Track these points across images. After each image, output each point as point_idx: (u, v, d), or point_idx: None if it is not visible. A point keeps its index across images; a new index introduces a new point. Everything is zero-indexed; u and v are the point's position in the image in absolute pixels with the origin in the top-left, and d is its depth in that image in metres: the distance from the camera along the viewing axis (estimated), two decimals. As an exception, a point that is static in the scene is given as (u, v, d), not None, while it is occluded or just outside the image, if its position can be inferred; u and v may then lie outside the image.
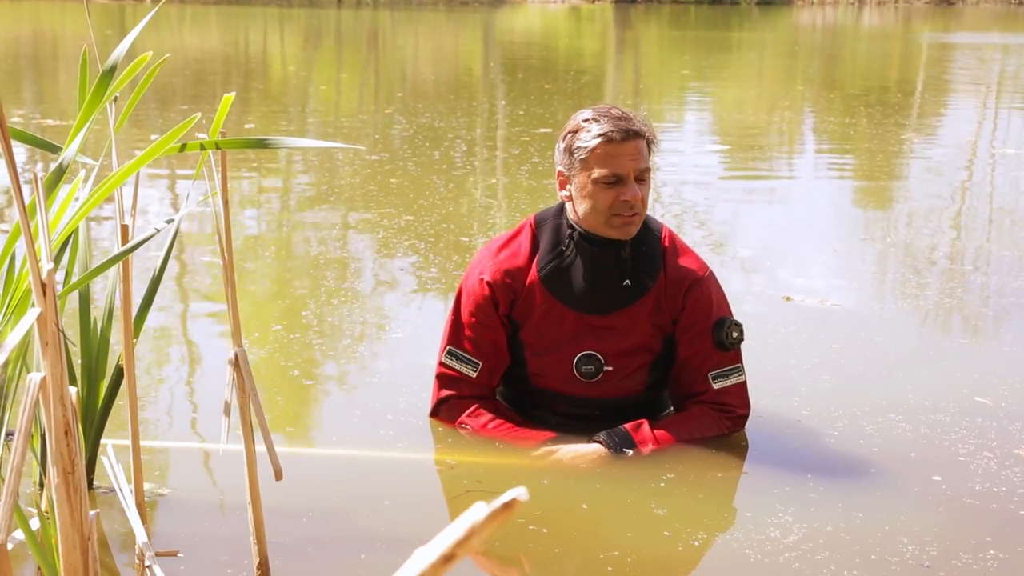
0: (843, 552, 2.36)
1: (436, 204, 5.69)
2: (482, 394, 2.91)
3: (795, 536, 2.42)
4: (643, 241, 2.83)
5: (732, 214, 5.97)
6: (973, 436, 2.97)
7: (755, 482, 2.71)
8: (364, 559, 2.30)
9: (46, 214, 1.66)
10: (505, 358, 2.89)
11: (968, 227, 5.87)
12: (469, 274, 2.90)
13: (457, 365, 2.88)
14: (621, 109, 2.77)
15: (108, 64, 2.04)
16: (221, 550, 2.29)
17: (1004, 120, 10.56)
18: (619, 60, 17.14)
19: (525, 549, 2.37)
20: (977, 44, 20.09)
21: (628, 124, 2.71)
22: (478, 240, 5.01)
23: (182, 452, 2.76)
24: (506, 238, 2.91)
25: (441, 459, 2.81)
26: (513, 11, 29.82)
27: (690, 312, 2.83)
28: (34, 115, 8.49)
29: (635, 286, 2.82)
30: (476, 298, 2.85)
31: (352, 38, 20.45)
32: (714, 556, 2.39)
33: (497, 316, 2.85)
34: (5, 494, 1.49)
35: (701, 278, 2.84)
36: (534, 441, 2.81)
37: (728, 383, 2.85)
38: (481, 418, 2.86)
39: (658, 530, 2.45)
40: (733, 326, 2.84)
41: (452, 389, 2.90)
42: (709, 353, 2.84)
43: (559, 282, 2.83)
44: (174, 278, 4.32)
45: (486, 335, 2.86)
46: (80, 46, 12.58)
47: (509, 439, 2.82)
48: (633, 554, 2.34)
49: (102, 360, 2.44)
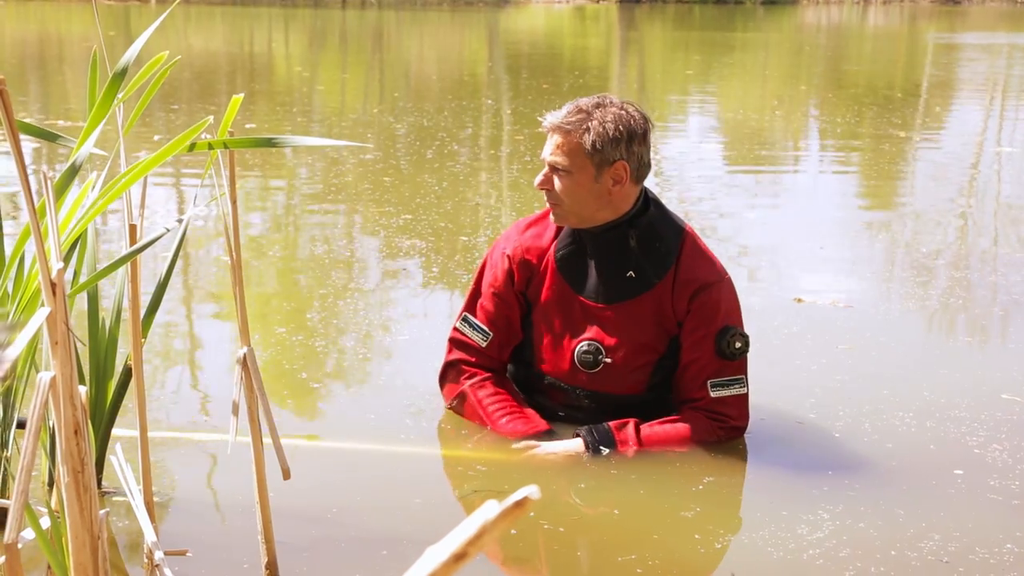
0: (865, 548, 2.38)
1: (434, 203, 5.69)
2: (490, 366, 2.95)
3: (820, 533, 2.44)
4: (656, 236, 2.82)
5: (737, 212, 5.96)
6: (989, 431, 2.99)
7: (773, 481, 2.71)
8: (373, 558, 2.30)
9: (55, 213, 1.67)
10: (517, 334, 2.93)
11: (976, 226, 5.86)
12: (495, 247, 2.96)
13: (470, 332, 2.94)
14: (595, 103, 2.75)
15: (120, 66, 2.05)
16: (230, 549, 2.29)
17: (1011, 119, 10.55)
18: (624, 57, 17.13)
19: (543, 549, 2.37)
20: (983, 44, 20.06)
21: (559, 116, 2.74)
22: (477, 239, 5.00)
23: (191, 451, 2.77)
24: (536, 217, 2.95)
25: (451, 459, 2.81)
26: (518, 11, 29.82)
27: (695, 316, 2.81)
28: (42, 115, 8.52)
29: (639, 280, 2.82)
30: (495, 271, 2.92)
31: (357, 38, 20.45)
32: (737, 555, 2.39)
33: (513, 292, 2.90)
34: (16, 493, 1.50)
35: (711, 283, 2.81)
36: (524, 432, 2.82)
37: (727, 393, 2.82)
38: (483, 391, 2.90)
39: (681, 529, 2.46)
40: (737, 336, 2.80)
41: (462, 352, 2.96)
42: (709, 360, 2.81)
43: (571, 267, 2.85)
44: (179, 276, 4.33)
45: (501, 308, 2.91)
46: (86, 47, 12.56)
47: (502, 420, 2.84)
48: (656, 555, 2.35)
49: (110, 360, 2.44)
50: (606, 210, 2.78)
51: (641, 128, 2.77)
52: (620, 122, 2.73)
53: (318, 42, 19.72)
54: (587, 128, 2.72)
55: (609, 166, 2.74)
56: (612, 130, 2.72)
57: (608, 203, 2.78)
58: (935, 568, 2.32)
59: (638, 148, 2.76)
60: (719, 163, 7.78)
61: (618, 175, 2.75)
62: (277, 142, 2.18)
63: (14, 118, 1.56)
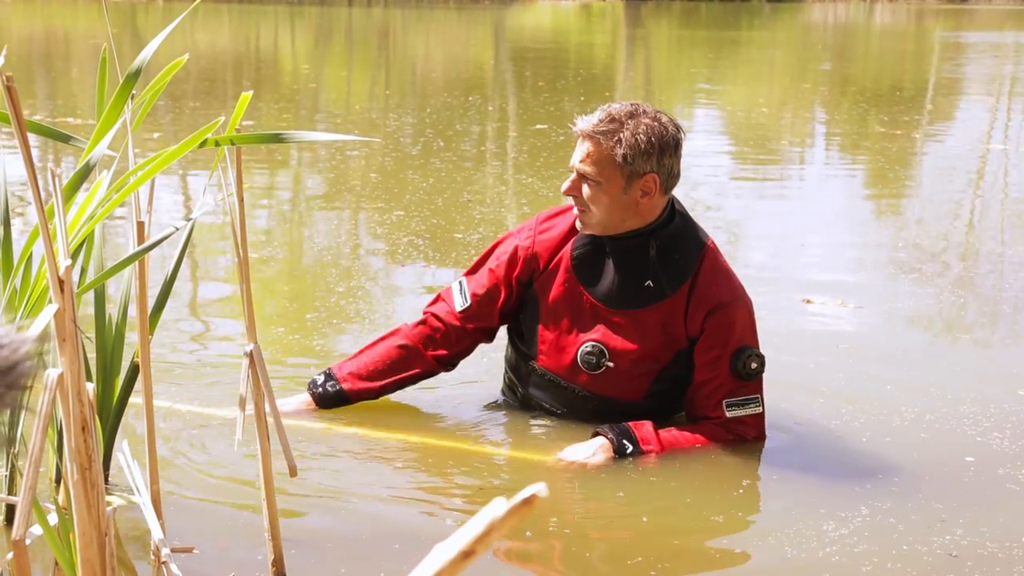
0: (882, 543, 2.39)
1: (426, 200, 5.69)
2: (446, 330, 2.94)
3: (837, 531, 2.44)
4: (675, 248, 2.80)
5: (741, 212, 5.96)
6: (1010, 426, 3.00)
7: (785, 481, 2.72)
8: (379, 555, 2.30)
9: (64, 210, 1.67)
10: (493, 320, 2.95)
11: (983, 224, 5.86)
12: (511, 234, 2.97)
13: (455, 293, 2.97)
14: (628, 111, 2.72)
15: (135, 66, 2.05)
16: (236, 546, 2.30)
17: (1018, 118, 10.53)
18: (630, 55, 17.12)
19: (560, 551, 2.37)
20: (990, 43, 20.02)
21: (590, 123, 2.71)
22: (471, 236, 5.00)
23: (197, 447, 2.77)
24: (556, 211, 2.95)
25: (456, 455, 2.81)
26: (524, 9, 29.79)
27: (710, 336, 2.77)
28: (49, 113, 8.53)
29: (655, 290, 2.80)
30: (502, 257, 2.92)
31: (363, 36, 20.46)
32: (753, 552, 2.40)
33: (510, 282, 2.90)
34: (24, 489, 1.50)
35: (727, 303, 2.78)
36: (294, 408, 2.90)
37: (743, 413, 2.80)
38: (392, 341, 2.96)
39: (695, 528, 2.47)
40: (753, 357, 2.78)
41: (435, 308, 2.99)
42: (724, 380, 2.78)
43: (586, 267, 2.84)
44: (184, 273, 4.33)
45: (491, 291, 2.92)
46: (92, 44, 12.56)
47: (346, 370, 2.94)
48: (672, 555, 2.36)
49: (117, 357, 2.45)
50: (632, 220, 2.77)
51: (674, 140, 2.74)
52: (652, 134, 2.70)
53: (324, 40, 19.73)
54: (619, 139, 2.69)
55: (639, 178, 2.71)
56: (644, 142, 2.69)
57: (635, 213, 2.76)
58: (943, 562, 2.33)
59: (669, 160, 2.73)
60: (725, 161, 7.77)
61: (647, 187, 2.73)
62: (284, 137, 2.19)
63: (23, 116, 1.56)
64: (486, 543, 0.79)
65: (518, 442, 2.88)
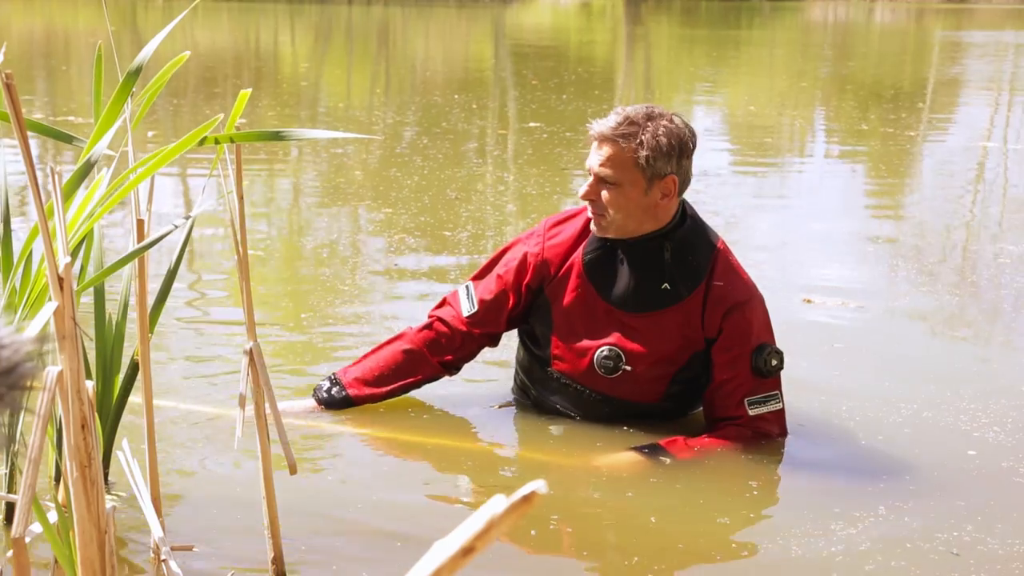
0: (886, 542, 2.40)
1: (412, 198, 5.69)
2: (451, 335, 2.93)
3: (844, 531, 2.45)
4: (690, 249, 2.80)
5: (743, 210, 5.96)
6: (1001, 424, 3.00)
7: (792, 480, 2.73)
8: (379, 552, 2.30)
9: (63, 207, 1.67)
10: (500, 326, 2.94)
11: (983, 223, 5.85)
12: (523, 237, 2.96)
13: (463, 298, 2.95)
14: (645, 113, 2.71)
15: (135, 64, 2.05)
16: (236, 544, 2.30)
17: (1018, 117, 10.53)
18: (630, 53, 17.11)
19: (565, 547, 2.38)
20: (990, 42, 20.01)
21: (607, 126, 2.70)
22: (460, 234, 5.00)
23: (196, 445, 2.77)
24: (566, 215, 2.93)
25: (457, 452, 2.81)
26: (524, 7, 29.78)
27: (728, 336, 2.78)
28: (48, 111, 8.53)
29: (672, 292, 2.79)
30: (510, 260, 2.92)
31: (363, 35, 20.45)
32: (759, 550, 2.41)
33: (519, 289, 2.89)
34: (23, 487, 1.50)
35: (743, 302, 2.78)
36: (299, 408, 2.90)
37: (764, 410, 2.80)
38: (391, 346, 2.94)
39: (702, 528, 2.47)
40: (773, 353, 2.79)
41: (441, 312, 2.97)
42: (745, 379, 2.79)
43: (599, 271, 2.83)
44: (184, 273, 4.33)
45: (500, 297, 2.91)
46: (93, 42, 12.55)
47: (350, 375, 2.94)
48: (678, 553, 2.36)
49: (117, 355, 2.45)
50: (650, 223, 2.77)
51: (691, 142, 2.75)
52: (672, 135, 2.70)
53: (324, 38, 19.72)
54: (641, 141, 2.69)
55: (660, 180, 2.71)
56: (665, 144, 2.69)
57: (653, 216, 2.76)
58: (946, 560, 2.34)
59: (686, 162, 2.74)
60: (725, 160, 7.76)
61: (667, 189, 2.73)
62: (284, 135, 2.19)
63: (22, 114, 1.56)
64: (486, 540, 0.79)
65: (530, 443, 2.89)
